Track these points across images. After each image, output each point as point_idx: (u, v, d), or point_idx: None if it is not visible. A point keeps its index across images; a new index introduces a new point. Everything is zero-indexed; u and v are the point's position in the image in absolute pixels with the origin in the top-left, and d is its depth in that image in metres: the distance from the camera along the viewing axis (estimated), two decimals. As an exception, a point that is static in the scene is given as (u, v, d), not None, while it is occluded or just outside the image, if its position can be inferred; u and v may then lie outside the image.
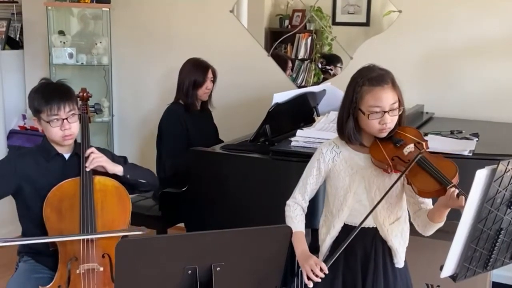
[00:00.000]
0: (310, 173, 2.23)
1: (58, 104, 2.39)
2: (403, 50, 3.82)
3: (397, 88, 2.11)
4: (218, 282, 1.75)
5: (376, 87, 2.06)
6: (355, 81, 2.11)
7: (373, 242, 2.19)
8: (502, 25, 3.58)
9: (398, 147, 2.11)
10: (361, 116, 2.09)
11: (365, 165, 2.16)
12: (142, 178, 2.61)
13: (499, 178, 1.69)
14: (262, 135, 3.04)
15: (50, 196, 2.40)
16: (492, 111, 3.57)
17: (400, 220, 2.22)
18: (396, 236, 2.19)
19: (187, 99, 3.61)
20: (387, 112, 2.06)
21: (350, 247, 2.17)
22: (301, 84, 4.27)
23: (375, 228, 2.18)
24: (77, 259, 2.34)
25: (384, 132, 2.10)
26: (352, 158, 2.17)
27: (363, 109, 2.07)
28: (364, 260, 2.20)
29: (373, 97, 2.06)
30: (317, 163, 2.22)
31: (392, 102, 2.07)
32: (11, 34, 4.97)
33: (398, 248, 2.20)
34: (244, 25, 4.30)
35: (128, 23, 4.62)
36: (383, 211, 2.16)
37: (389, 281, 2.20)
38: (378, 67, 2.14)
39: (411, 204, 2.17)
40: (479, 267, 1.83)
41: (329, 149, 2.21)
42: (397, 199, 2.18)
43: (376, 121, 2.07)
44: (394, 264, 2.22)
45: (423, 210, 2.11)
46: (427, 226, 2.09)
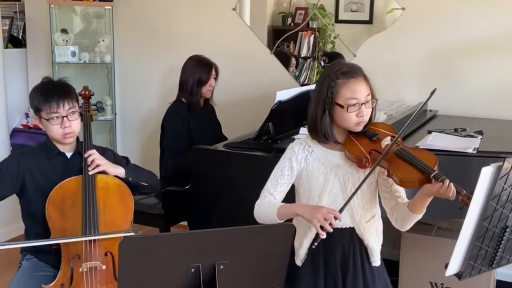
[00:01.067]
0: (281, 173, 2.17)
1: (57, 102, 2.39)
2: (406, 48, 3.81)
3: (369, 81, 2.11)
4: (222, 280, 1.74)
5: (351, 79, 2.06)
6: (328, 77, 2.09)
7: (351, 242, 2.17)
8: (506, 22, 3.57)
9: (375, 141, 2.12)
10: (338, 110, 2.07)
11: (339, 163, 2.14)
12: (143, 181, 2.60)
13: (505, 176, 1.68)
14: (265, 133, 3.04)
15: (53, 195, 2.40)
16: (496, 109, 3.57)
17: (375, 218, 2.21)
18: (372, 235, 2.18)
19: (191, 98, 3.60)
20: (364, 104, 2.06)
21: (329, 248, 2.17)
22: (304, 82, 4.27)
23: (352, 228, 2.16)
24: (80, 257, 2.34)
25: (361, 125, 2.10)
26: (325, 157, 2.15)
27: (340, 102, 2.06)
28: (343, 260, 2.18)
29: (349, 89, 2.06)
30: (289, 162, 2.17)
31: (366, 94, 2.08)
32: (14, 32, 4.97)
33: (374, 246, 2.19)
34: (246, 23, 4.30)
35: (131, 21, 4.61)
36: (359, 209, 2.14)
37: (367, 281, 2.19)
38: (346, 62, 2.16)
39: (387, 200, 2.15)
40: (484, 265, 1.82)
41: (300, 148, 2.18)
42: (372, 196, 2.17)
43: (354, 114, 2.07)
44: (371, 263, 2.21)
45: (401, 204, 2.10)
46: (406, 219, 2.07)
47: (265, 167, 2.83)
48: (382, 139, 2.12)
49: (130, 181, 2.53)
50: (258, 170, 2.85)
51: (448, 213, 2.10)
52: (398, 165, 2.02)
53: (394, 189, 2.12)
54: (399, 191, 2.13)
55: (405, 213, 2.06)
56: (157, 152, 3.71)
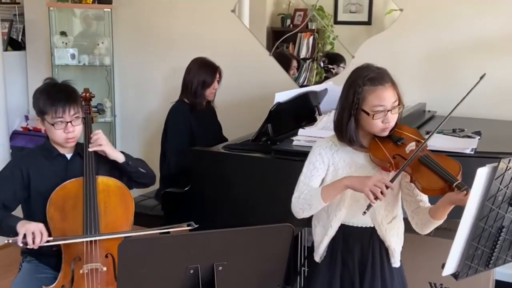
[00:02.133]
0: (314, 166, 2.16)
1: (63, 107, 2.39)
2: (405, 48, 3.82)
3: (396, 86, 2.10)
4: (220, 281, 1.76)
5: (378, 87, 2.05)
6: (354, 83, 2.08)
7: (371, 242, 2.18)
8: (504, 22, 3.57)
9: (399, 146, 2.11)
10: (364, 117, 2.07)
11: (363, 164, 2.14)
12: (142, 168, 2.62)
13: (500, 176, 1.69)
14: (264, 134, 3.04)
15: (54, 196, 2.41)
16: (494, 109, 3.57)
17: (396, 219, 2.22)
18: (393, 236, 2.19)
19: (195, 99, 3.61)
20: (390, 111, 2.05)
21: (348, 247, 2.19)
22: (303, 83, 4.28)
23: (372, 228, 2.17)
24: (81, 259, 2.35)
25: (386, 131, 2.09)
26: (350, 157, 2.16)
27: (367, 109, 2.05)
28: (361, 260, 2.19)
29: (377, 97, 2.04)
30: (320, 157, 2.16)
31: (393, 101, 2.07)
32: (14, 35, 4.99)
33: (395, 247, 2.20)
34: (245, 24, 4.31)
35: (130, 24, 4.63)
36: (381, 210, 2.15)
37: (386, 281, 2.20)
38: (374, 66, 2.12)
39: (409, 203, 2.15)
40: (481, 265, 1.83)
41: (328, 146, 2.18)
42: (394, 198, 2.18)
43: (380, 121, 2.06)
44: (391, 264, 2.22)
45: (422, 208, 2.10)
46: (427, 224, 2.07)
47: (264, 168, 2.87)
48: (407, 144, 2.11)
49: (129, 166, 2.54)
50: (257, 171, 2.87)
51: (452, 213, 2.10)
52: (421, 172, 2.01)
53: (416, 192, 2.12)
54: (421, 195, 2.12)
55: (426, 218, 2.06)
56: (157, 154, 3.72)
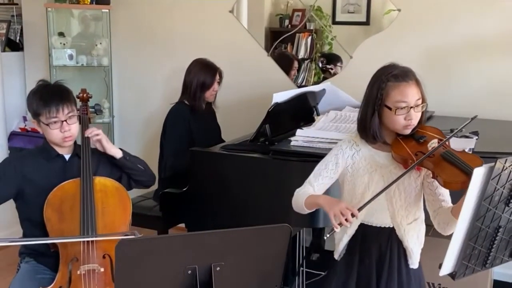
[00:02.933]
0: (325, 167, 2.18)
1: (56, 107, 2.40)
2: (403, 48, 3.82)
3: (420, 85, 2.12)
4: (218, 282, 1.76)
5: (402, 83, 2.07)
6: (379, 79, 2.11)
7: (389, 242, 2.19)
8: (501, 22, 3.58)
9: (421, 143, 2.12)
10: (387, 113, 2.09)
11: (384, 164, 2.15)
12: (140, 165, 2.62)
13: (497, 176, 1.69)
14: (262, 135, 3.04)
15: (51, 197, 2.41)
16: (492, 109, 3.57)
17: (418, 221, 2.21)
18: (412, 237, 2.19)
19: (194, 101, 3.61)
20: (413, 108, 2.07)
21: (365, 246, 2.20)
22: (302, 83, 4.28)
23: (391, 228, 2.17)
24: (78, 260, 2.35)
25: (408, 128, 2.10)
26: (371, 156, 2.17)
27: (389, 104, 2.07)
28: (379, 259, 2.20)
29: (400, 93, 2.06)
30: (335, 158, 2.18)
31: (416, 98, 2.08)
32: (11, 36, 4.98)
33: (414, 248, 2.20)
34: (244, 25, 4.31)
35: (128, 24, 4.62)
36: (401, 210, 2.15)
37: (403, 282, 2.20)
38: (399, 65, 2.15)
39: (431, 202, 2.15)
40: (478, 265, 1.83)
41: (348, 146, 2.20)
42: (416, 199, 2.17)
43: (402, 117, 2.07)
44: (408, 265, 2.22)
45: (444, 208, 2.10)
46: (449, 224, 2.06)
47: (262, 169, 2.87)
48: (429, 141, 2.12)
49: (127, 161, 2.55)
50: (255, 172, 2.87)
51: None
52: (443, 167, 2.02)
53: (439, 192, 2.12)
54: (444, 194, 2.12)
55: (448, 218, 2.05)
56: (155, 155, 3.72)
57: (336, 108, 3.33)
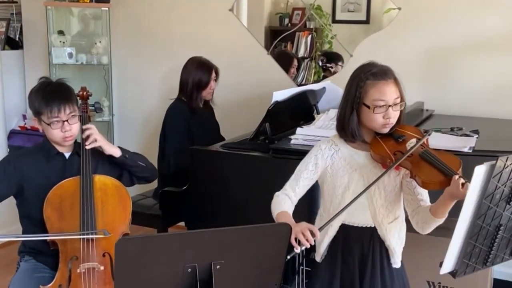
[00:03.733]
0: (306, 168, 2.19)
1: (58, 106, 2.38)
2: (403, 47, 3.82)
3: (399, 84, 2.11)
4: (218, 280, 1.75)
5: (381, 81, 2.07)
6: (358, 77, 2.10)
7: (371, 242, 2.18)
8: (501, 20, 3.57)
9: (400, 142, 2.11)
10: (365, 111, 2.08)
11: (364, 163, 2.15)
12: (141, 162, 2.61)
13: (498, 174, 1.69)
14: (262, 133, 3.04)
15: (51, 196, 2.40)
16: (492, 108, 3.57)
17: (398, 220, 2.21)
18: (393, 236, 2.19)
19: (191, 101, 3.61)
20: (391, 106, 2.06)
21: (348, 247, 2.19)
22: (302, 82, 4.28)
23: (373, 228, 2.17)
24: (78, 258, 2.34)
25: (387, 127, 2.10)
26: (351, 156, 2.16)
27: (368, 103, 2.07)
28: (362, 260, 2.19)
29: (378, 91, 2.06)
30: (315, 159, 2.19)
31: (395, 97, 2.08)
32: (11, 34, 4.98)
33: (395, 248, 2.20)
34: (244, 23, 4.30)
35: (128, 23, 4.62)
36: (382, 209, 2.15)
37: (386, 282, 2.19)
38: (378, 63, 2.14)
39: (409, 202, 2.15)
40: (479, 264, 1.83)
41: (327, 146, 2.19)
42: (396, 198, 2.18)
43: (380, 115, 2.07)
44: (391, 264, 2.21)
45: (423, 207, 2.10)
46: (428, 223, 2.07)
47: (262, 167, 2.87)
48: (408, 141, 2.12)
49: (127, 160, 2.54)
50: (255, 170, 2.87)
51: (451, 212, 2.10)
52: (421, 167, 2.02)
53: (417, 191, 2.12)
54: (422, 194, 2.12)
55: (426, 217, 2.05)
56: (155, 153, 3.71)
57: (336, 106, 3.29)
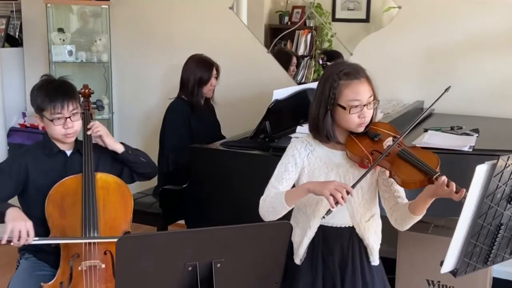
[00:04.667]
0: (285, 169, 2.15)
1: (61, 103, 2.39)
2: (403, 46, 3.82)
3: (371, 81, 2.10)
4: (219, 278, 1.75)
5: (354, 81, 2.05)
6: (330, 77, 2.08)
7: (350, 241, 2.17)
8: (502, 20, 3.58)
9: (376, 141, 2.11)
10: (340, 112, 2.07)
11: (341, 163, 2.13)
12: (142, 157, 2.62)
13: (499, 173, 1.69)
14: (262, 131, 3.04)
15: (52, 193, 2.40)
16: (492, 107, 3.58)
17: (374, 217, 2.21)
18: (371, 234, 2.19)
19: (192, 98, 3.61)
20: (366, 106, 2.06)
21: (328, 247, 2.18)
22: (301, 80, 4.27)
23: (351, 227, 2.17)
24: (79, 256, 2.34)
25: (362, 126, 2.09)
26: (327, 156, 2.14)
27: (343, 103, 2.05)
28: (342, 260, 2.18)
29: (352, 91, 2.04)
30: (293, 159, 2.15)
31: (369, 95, 2.07)
32: (11, 31, 4.97)
33: (374, 245, 2.20)
34: (243, 22, 4.30)
35: (128, 20, 4.61)
36: (360, 208, 2.15)
37: (366, 280, 2.19)
38: (348, 62, 2.13)
39: (387, 199, 2.14)
40: (480, 263, 1.83)
41: (302, 146, 2.17)
42: (372, 196, 2.17)
43: (356, 115, 2.06)
44: (370, 262, 2.21)
45: (400, 204, 2.09)
46: (406, 220, 2.06)
47: (262, 165, 2.85)
48: (384, 139, 2.11)
49: (129, 155, 2.54)
50: (255, 168, 2.87)
51: (446, 211, 2.11)
52: (400, 166, 2.01)
53: (394, 189, 2.11)
54: (399, 191, 2.12)
55: (405, 214, 2.05)
56: (155, 151, 3.71)
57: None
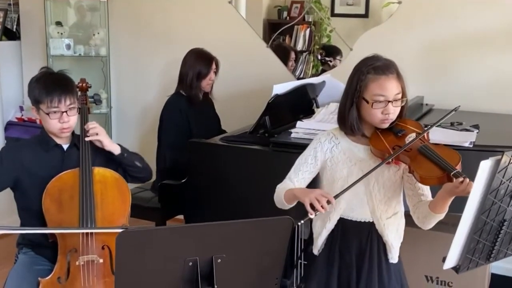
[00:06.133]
0: (305, 161, 2.17)
1: (59, 97, 2.37)
2: (403, 41, 3.81)
3: (401, 79, 2.08)
4: (219, 274, 1.74)
5: (382, 76, 2.04)
6: (359, 70, 2.08)
7: (369, 237, 2.17)
8: (502, 16, 3.56)
9: (399, 137, 2.10)
10: (364, 105, 2.06)
11: (364, 157, 2.13)
12: (137, 162, 2.60)
13: (503, 169, 1.68)
14: (262, 126, 3.03)
15: (50, 187, 2.39)
16: (492, 103, 3.57)
17: (397, 215, 2.20)
18: (391, 231, 2.18)
19: (191, 91, 3.59)
20: (391, 102, 2.04)
21: (346, 241, 2.18)
22: (300, 76, 4.26)
23: (371, 223, 2.16)
24: (77, 250, 2.33)
25: (386, 122, 2.08)
26: (351, 150, 2.14)
27: (367, 97, 2.05)
28: (359, 254, 2.18)
29: (378, 86, 2.03)
30: (314, 152, 2.17)
31: (396, 92, 2.05)
32: (8, 25, 4.94)
33: (393, 243, 2.18)
34: (242, 16, 4.28)
35: (126, 14, 4.59)
36: (381, 205, 2.14)
37: (383, 277, 2.18)
38: (382, 57, 2.11)
39: (411, 197, 2.14)
40: (482, 259, 1.82)
41: (327, 139, 2.18)
42: (395, 193, 2.16)
43: (379, 111, 2.04)
44: (388, 260, 2.20)
45: (423, 202, 2.08)
46: (427, 217, 2.06)
47: (261, 161, 2.86)
48: (407, 135, 2.10)
49: (124, 158, 2.53)
50: (255, 163, 2.86)
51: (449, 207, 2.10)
52: (419, 162, 2.00)
53: (418, 186, 2.10)
54: (423, 188, 2.10)
55: (426, 212, 2.04)
56: (153, 146, 3.70)
57: (336, 100, 3.29)
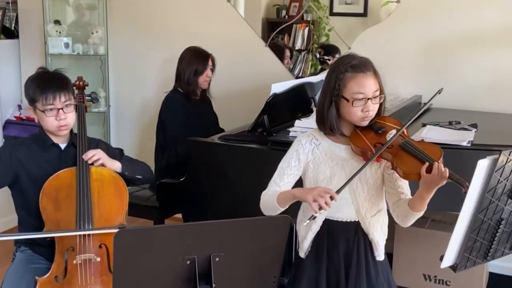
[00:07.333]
0: (288, 164, 2.17)
1: (53, 94, 2.38)
2: (401, 40, 3.81)
3: (378, 76, 2.09)
4: (217, 272, 1.74)
5: (359, 74, 2.05)
6: (337, 69, 2.08)
7: (355, 236, 2.17)
8: (501, 15, 3.57)
9: (380, 134, 2.10)
10: (344, 104, 2.07)
11: (345, 157, 2.13)
12: (138, 174, 2.60)
13: (501, 168, 1.68)
14: (260, 125, 3.03)
15: (47, 186, 2.38)
16: (490, 102, 3.57)
17: (381, 213, 2.20)
18: (377, 229, 2.18)
19: (188, 87, 3.60)
20: (370, 100, 2.05)
21: (333, 241, 2.18)
22: (298, 74, 4.26)
23: (357, 222, 2.16)
24: (74, 249, 2.33)
25: (366, 120, 2.09)
26: (332, 150, 2.14)
27: (347, 96, 2.05)
28: (347, 254, 2.18)
29: (357, 84, 2.04)
30: (296, 154, 2.16)
31: (374, 89, 2.06)
32: (6, 23, 4.93)
33: (379, 240, 2.19)
34: (241, 15, 4.28)
35: (125, 13, 4.58)
36: (365, 203, 2.14)
37: (371, 275, 2.19)
38: (358, 55, 2.12)
39: (390, 195, 2.14)
40: (479, 258, 1.83)
41: (308, 141, 2.17)
42: (378, 191, 2.16)
43: (359, 109, 2.05)
44: (375, 257, 2.21)
45: (403, 200, 2.09)
46: (407, 216, 2.06)
47: (260, 159, 2.85)
48: (388, 132, 2.11)
49: (126, 175, 2.53)
50: (253, 162, 2.86)
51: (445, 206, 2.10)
52: (402, 158, 2.01)
53: (398, 184, 2.10)
54: (403, 186, 2.11)
55: (405, 210, 2.05)
56: (151, 144, 3.70)
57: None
